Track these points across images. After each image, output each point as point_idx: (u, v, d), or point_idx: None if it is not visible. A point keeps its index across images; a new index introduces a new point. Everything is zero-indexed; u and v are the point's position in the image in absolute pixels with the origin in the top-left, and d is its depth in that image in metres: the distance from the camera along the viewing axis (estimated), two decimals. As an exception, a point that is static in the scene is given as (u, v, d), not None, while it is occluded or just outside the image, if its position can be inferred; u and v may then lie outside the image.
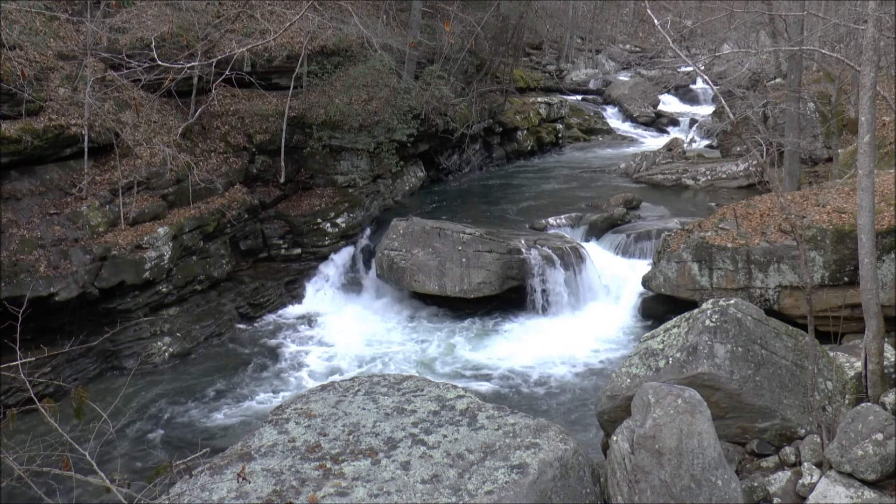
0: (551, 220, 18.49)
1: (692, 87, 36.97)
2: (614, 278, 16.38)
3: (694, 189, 21.99)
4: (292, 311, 16.87)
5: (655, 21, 8.28)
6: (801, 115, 19.01)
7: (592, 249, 17.00)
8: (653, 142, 29.67)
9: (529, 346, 14.67)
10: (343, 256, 18.10)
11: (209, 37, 16.37)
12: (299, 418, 7.40)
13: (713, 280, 13.95)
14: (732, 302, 8.35)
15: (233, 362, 14.52)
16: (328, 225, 18.10)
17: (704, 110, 33.84)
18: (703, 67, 19.49)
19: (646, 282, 15.05)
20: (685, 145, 26.52)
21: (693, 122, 31.92)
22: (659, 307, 14.94)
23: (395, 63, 19.63)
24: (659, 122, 33.73)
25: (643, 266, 15.97)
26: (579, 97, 36.40)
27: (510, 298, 16.02)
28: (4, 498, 9.21)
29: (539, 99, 29.87)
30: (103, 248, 13.81)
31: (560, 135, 29.52)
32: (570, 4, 42.32)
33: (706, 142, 27.65)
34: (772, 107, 21.25)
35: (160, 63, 10.46)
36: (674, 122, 33.43)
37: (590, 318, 15.71)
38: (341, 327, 15.89)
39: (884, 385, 8.15)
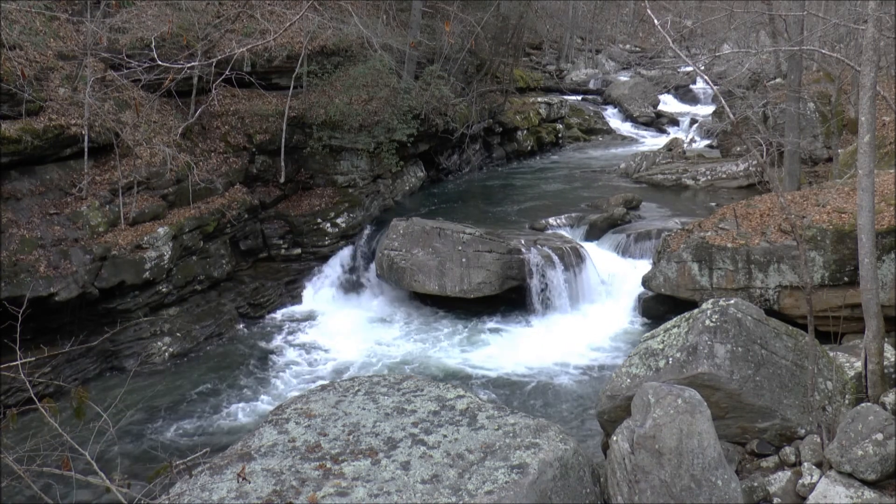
0: (551, 220, 18.48)
1: (692, 87, 36.98)
2: (614, 278, 16.37)
3: (694, 189, 21.99)
4: (292, 311, 16.88)
5: (655, 21, 8.28)
6: (801, 115, 19.01)
7: (592, 249, 16.99)
8: (653, 142, 29.68)
9: (529, 346, 14.67)
10: (343, 256, 18.09)
11: (209, 37, 16.36)
12: (299, 418, 7.40)
13: (713, 280, 13.95)
14: (732, 302, 8.35)
15: (233, 362, 14.52)
16: (328, 225, 18.10)
17: (704, 110, 33.85)
18: (703, 67, 19.49)
19: (646, 282, 15.05)
20: (685, 145, 26.53)
21: (693, 122, 31.94)
22: (659, 307, 14.94)
23: (395, 63, 19.62)
24: (659, 122, 33.74)
25: (643, 266, 15.97)
26: (579, 97, 36.42)
27: (510, 298, 16.02)
28: (4, 498, 9.21)
29: (539, 99, 29.88)
30: (103, 248, 13.81)
31: (560, 135, 29.53)
32: (570, 4, 42.34)
33: (706, 142, 27.66)
34: (772, 107, 21.25)
35: (160, 63, 10.47)
36: (674, 122, 33.44)
37: (590, 318, 15.71)
38: (341, 327, 15.89)
39: (884, 385, 8.15)
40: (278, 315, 16.66)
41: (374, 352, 14.78)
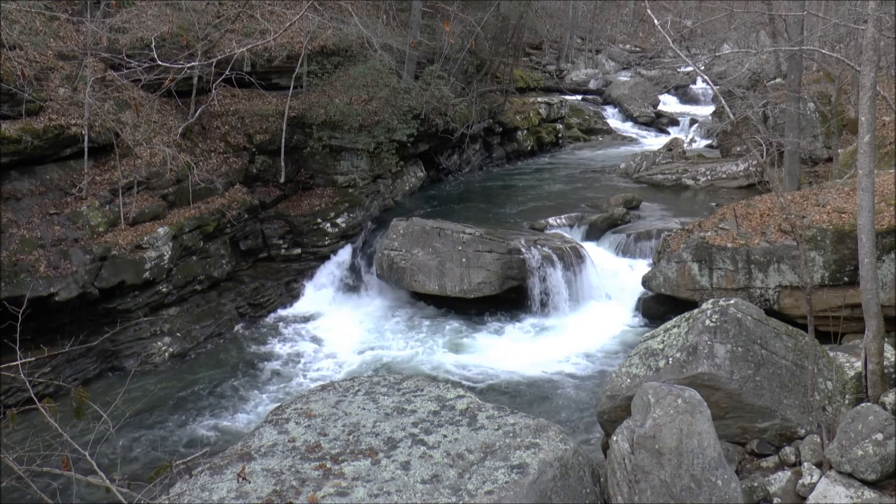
0: (551, 220, 18.49)
1: (692, 87, 37.00)
2: (614, 278, 16.38)
3: (694, 189, 21.99)
4: (292, 311, 16.88)
5: (655, 21, 8.28)
6: (801, 115, 19.01)
7: (592, 249, 16.99)
8: (653, 142, 29.69)
9: (529, 346, 14.68)
10: (343, 256, 18.09)
11: (209, 37, 16.36)
12: (299, 418, 7.40)
13: (713, 280, 13.95)
14: (732, 302, 8.35)
15: (233, 362, 14.52)
16: (328, 225, 18.10)
17: (704, 110, 33.87)
18: (703, 67, 19.48)
19: (646, 282, 15.05)
20: (685, 145, 26.54)
21: (693, 122, 31.95)
22: (659, 307, 14.94)
23: (395, 63, 19.62)
24: (659, 122, 33.75)
25: (643, 266, 15.97)
26: (579, 97, 36.42)
27: (510, 298, 16.02)
28: (4, 498, 9.21)
29: (539, 99, 29.88)
30: (103, 248, 13.81)
31: (560, 135, 29.53)
32: (570, 4, 42.36)
33: (706, 142, 27.67)
34: (772, 107, 21.24)
35: (160, 63, 10.46)
36: (674, 122, 33.45)
37: (589, 317, 15.71)
38: (341, 327, 15.89)
39: (884, 385, 8.15)
40: (278, 315, 16.67)
41: (373, 352, 14.78)
